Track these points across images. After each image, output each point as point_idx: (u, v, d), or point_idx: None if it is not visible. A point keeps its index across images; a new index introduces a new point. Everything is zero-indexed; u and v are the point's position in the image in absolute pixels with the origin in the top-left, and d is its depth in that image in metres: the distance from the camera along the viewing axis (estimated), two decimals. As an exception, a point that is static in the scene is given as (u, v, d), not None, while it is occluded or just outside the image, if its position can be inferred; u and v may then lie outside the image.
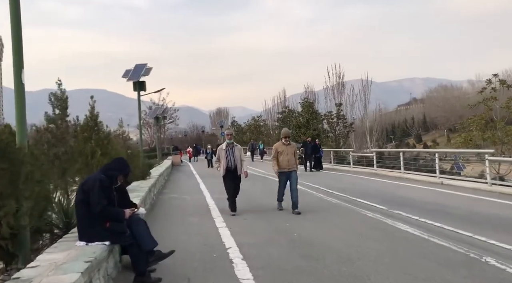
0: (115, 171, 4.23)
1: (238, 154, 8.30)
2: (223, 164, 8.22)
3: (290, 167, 8.42)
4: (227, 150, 8.28)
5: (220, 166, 8.36)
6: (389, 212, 7.99)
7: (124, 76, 17.86)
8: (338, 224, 7.03)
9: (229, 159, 8.20)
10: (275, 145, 8.73)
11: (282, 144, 8.53)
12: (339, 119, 30.78)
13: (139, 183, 9.84)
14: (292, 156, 8.49)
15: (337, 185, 13.02)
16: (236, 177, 8.37)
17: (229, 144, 8.32)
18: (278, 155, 8.45)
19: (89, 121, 8.29)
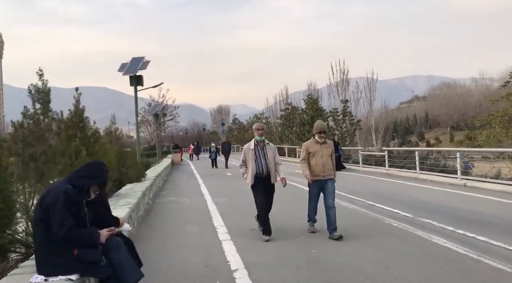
0: (87, 179, 3.21)
1: (271, 156, 6.13)
2: (252, 169, 6.06)
3: (326, 174, 6.18)
4: (256, 149, 6.15)
5: (246, 173, 6.21)
6: (417, 221, 6.97)
7: (120, 70, 16.81)
8: (361, 237, 6.01)
9: (260, 162, 6.09)
10: (304, 143, 6.53)
11: (315, 142, 6.29)
12: (345, 116, 29.64)
13: (133, 186, 8.84)
14: (329, 159, 6.24)
15: (350, 187, 12.00)
16: (269, 187, 6.21)
17: (259, 141, 6.19)
18: (310, 157, 6.28)
19: (73, 117, 7.28)
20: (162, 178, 15.48)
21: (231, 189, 13.09)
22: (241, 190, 12.71)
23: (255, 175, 6.07)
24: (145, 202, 8.81)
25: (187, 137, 77.55)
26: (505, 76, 63.20)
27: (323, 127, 6.42)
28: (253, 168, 6.06)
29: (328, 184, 6.23)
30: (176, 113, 52.35)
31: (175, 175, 20.57)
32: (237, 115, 64.33)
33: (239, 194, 11.63)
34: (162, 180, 15.08)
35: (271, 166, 6.12)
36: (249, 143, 6.36)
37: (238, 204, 9.67)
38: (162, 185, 14.44)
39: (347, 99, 31.80)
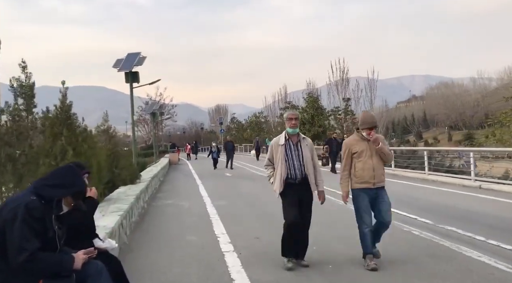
0: (58, 188, 2.51)
1: (308, 155, 4.59)
2: (281, 172, 4.55)
3: (377, 180, 4.56)
4: (287, 146, 4.59)
5: (274, 177, 4.68)
6: (439, 229, 6.31)
7: (115, 67, 16.08)
8: (380, 248, 5.33)
9: (292, 164, 4.54)
10: (345, 141, 4.88)
11: (360, 139, 4.64)
12: (347, 115, 28.97)
13: (126, 189, 8.14)
14: (380, 161, 4.60)
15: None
16: (305, 196, 4.62)
17: (292, 135, 4.63)
18: (354, 158, 4.62)
19: (58, 113, 6.57)
20: (159, 178, 14.78)
21: (231, 190, 12.41)
22: (242, 191, 12.06)
23: (285, 179, 4.51)
24: (140, 206, 8.12)
25: (185, 136, 76.82)
26: (503, 76, 62.28)
27: (373, 122, 4.59)
28: (282, 170, 4.50)
29: (382, 194, 4.60)
30: (174, 112, 51.58)
31: (173, 175, 19.87)
32: (235, 114, 63.59)
33: (239, 196, 10.97)
34: (158, 181, 14.39)
35: (309, 168, 4.53)
36: (277, 136, 4.75)
37: (239, 207, 9.02)
38: (159, 186, 13.75)
39: (349, 97, 31.12)
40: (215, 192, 11.74)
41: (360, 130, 4.66)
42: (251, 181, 15.06)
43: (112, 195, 7.38)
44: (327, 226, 6.64)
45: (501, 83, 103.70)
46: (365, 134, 4.58)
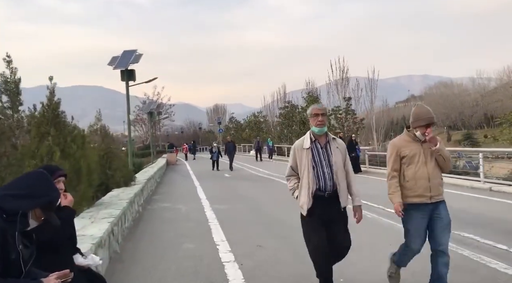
0: (23, 199, 2.05)
1: (339, 160, 3.57)
2: (308, 183, 3.51)
3: (434, 194, 3.54)
4: (314, 150, 3.55)
5: (299, 189, 3.60)
6: (454, 235, 5.84)
7: (111, 64, 15.60)
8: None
9: (321, 172, 3.51)
10: (392, 142, 3.78)
11: (411, 140, 3.61)
12: (348, 114, 28.53)
13: (119, 193, 7.67)
14: (436, 167, 3.58)
15: (369, 192, 10.84)
16: (339, 213, 3.60)
17: (319, 135, 3.60)
18: (404, 164, 3.59)
19: (45, 111, 6.10)
20: (156, 180, 14.32)
21: (230, 192, 11.96)
22: (242, 193, 11.60)
23: (313, 193, 3.47)
24: (134, 210, 7.66)
25: (183, 136, 76.35)
26: (503, 76, 62.04)
27: (431, 117, 3.50)
28: (310, 181, 3.46)
29: (440, 210, 3.57)
30: (172, 112, 51.04)
31: (170, 176, 19.39)
32: (234, 114, 63.08)
33: (239, 198, 10.51)
34: (155, 182, 13.92)
35: (340, 177, 3.51)
36: (301, 138, 3.65)
37: (239, 211, 8.56)
38: (155, 188, 13.28)
39: (350, 96, 30.68)
40: (214, 194, 11.29)
41: (411, 129, 3.59)
42: (251, 182, 14.61)
43: (103, 199, 6.92)
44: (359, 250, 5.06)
45: (501, 83, 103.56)
46: (418, 133, 3.50)
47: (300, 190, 3.57)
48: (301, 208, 3.60)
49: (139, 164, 16.78)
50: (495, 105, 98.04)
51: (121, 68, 15.51)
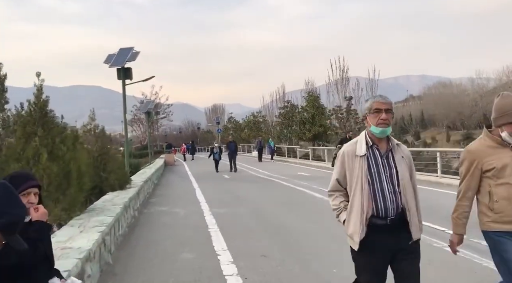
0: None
1: (406, 174, 2.50)
2: (363, 204, 2.43)
3: None
4: (371, 158, 2.49)
5: (347, 214, 2.52)
6: (474, 243, 5.41)
7: (107, 62, 15.14)
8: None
9: (381, 189, 2.44)
10: (470, 149, 2.71)
11: (496, 145, 2.60)
12: (349, 114, 28.10)
13: (113, 197, 7.22)
14: None
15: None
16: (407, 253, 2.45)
17: (380, 138, 2.51)
18: (488, 179, 2.61)
19: (32, 110, 5.64)
20: (153, 181, 13.86)
21: (230, 195, 11.51)
22: (243, 196, 11.12)
23: (368, 219, 2.43)
24: (129, 215, 7.20)
25: (181, 136, 75.86)
26: (502, 76, 61.85)
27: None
28: (364, 202, 2.43)
29: None
30: (170, 112, 50.54)
31: (168, 177, 18.93)
32: (232, 113, 62.61)
33: (241, 201, 10.06)
34: (152, 184, 13.46)
35: (409, 198, 2.47)
36: (352, 141, 2.65)
37: (240, 215, 8.11)
38: (153, 190, 12.82)
39: (351, 96, 30.25)
40: (214, 197, 10.84)
41: (494, 128, 2.63)
42: (252, 184, 14.14)
43: (96, 204, 6.46)
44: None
45: (500, 83, 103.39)
46: (505, 134, 2.53)
47: (349, 213, 2.48)
48: (350, 239, 2.50)
49: (136, 165, 16.33)
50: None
51: (117, 66, 15.05)
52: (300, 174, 17.71)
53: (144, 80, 16.39)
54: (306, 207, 8.99)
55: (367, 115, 2.54)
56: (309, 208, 8.83)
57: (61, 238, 4.22)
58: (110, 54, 15.64)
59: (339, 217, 2.60)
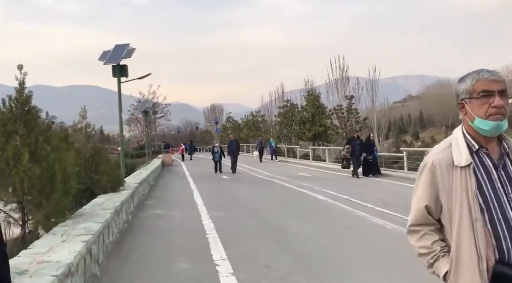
0: None
1: None
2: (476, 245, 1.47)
3: None
4: (479, 168, 1.54)
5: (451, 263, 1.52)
6: None
7: (101, 59, 14.66)
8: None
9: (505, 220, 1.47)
10: None
11: None
12: (350, 113, 27.62)
13: (104, 201, 6.73)
14: None
15: (392, 201, 9.96)
16: None
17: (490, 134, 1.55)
18: None
19: (13, 106, 5.16)
20: (149, 182, 13.38)
21: (229, 197, 11.04)
22: (243, 198, 10.64)
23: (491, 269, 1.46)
24: (121, 219, 6.73)
25: (179, 136, 75.35)
26: (504, 74, 62.22)
27: None
28: (481, 242, 1.47)
29: None
30: (167, 111, 49.99)
31: (165, 178, 18.44)
32: (231, 113, 62.11)
33: (240, 204, 9.59)
34: (148, 185, 12.98)
35: None
36: (442, 143, 1.67)
37: (240, 219, 7.65)
38: (149, 192, 12.34)
39: (352, 95, 29.78)
40: (212, 199, 10.37)
41: None
42: (252, 186, 13.67)
43: (85, 208, 5.98)
44: None
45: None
46: None
47: (456, 261, 1.53)
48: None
49: (131, 165, 15.85)
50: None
51: (112, 63, 14.58)
52: (301, 175, 17.26)
53: (140, 77, 15.91)
54: (309, 210, 8.52)
55: (466, 102, 1.58)
56: (313, 211, 8.37)
57: (40, 249, 3.75)
58: (105, 51, 15.15)
59: (434, 266, 1.60)
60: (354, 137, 15.89)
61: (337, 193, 10.72)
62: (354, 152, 15.18)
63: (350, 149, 15.30)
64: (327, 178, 15.52)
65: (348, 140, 16.39)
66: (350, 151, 15.26)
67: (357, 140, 15.57)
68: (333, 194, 10.65)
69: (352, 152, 15.21)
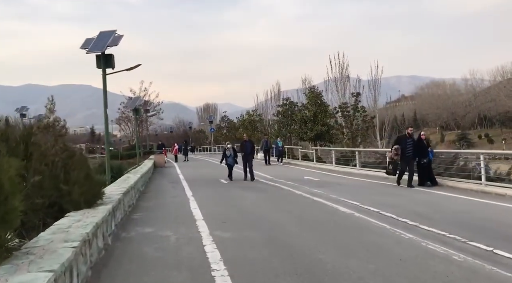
0: None
1: None
2: None
3: None
4: None
5: None
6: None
7: (84, 47, 12.84)
8: None
9: None
10: None
11: None
12: (357, 111, 25.86)
13: (72, 223, 4.89)
14: None
15: (438, 216, 8.30)
16: None
17: None
18: None
19: None
20: (138, 189, 11.57)
21: (233, 208, 9.26)
22: (250, 210, 8.68)
23: None
24: (96, 248, 4.94)
25: (172, 136, 73.38)
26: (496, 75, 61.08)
27: None
28: None
29: None
30: (160, 109, 47.88)
31: (157, 182, 16.61)
32: (226, 112, 60.22)
33: (248, 220, 7.77)
34: (137, 192, 11.18)
35: None
36: None
37: (253, 246, 5.79)
38: (137, 201, 10.54)
39: (359, 92, 28.12)
40: (213, 212, 8.61)
41: None
42: (258, 193, 11.83)
43: (39, 239, 4.17)
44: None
45: (494, 82, 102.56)
46: None
47: None
48: None
49: (118, 169, 14.03)
50: (488, 105, 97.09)
51: (96, 52, 12.77)
52: (307, 178, 15.57)
53: (128, 69, 14.08)
54: (338, 230, 6.80)
55: None
56: (343, 232, 6.65)
57: None
58: (88, 38, 13.31)
59: None
60: (406, 136, 12.45)
61: (360, 203, 9.03)
62: (404, 154, 11.98)
63: (399, 150, 12.05)
64: (339, 183, 13.84)
65: (398, 139, 13.04)
66: (400, 153, 12.03)
67: (408, 140, 12.18)
68: (356, 204, 8.96)
69: (403, 154, 12.00)
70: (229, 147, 16.02)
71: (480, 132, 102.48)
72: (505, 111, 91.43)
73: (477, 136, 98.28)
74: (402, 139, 12.46)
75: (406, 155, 11.94)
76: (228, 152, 15.53)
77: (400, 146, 12.11)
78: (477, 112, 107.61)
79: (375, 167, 17.32)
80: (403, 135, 12.75)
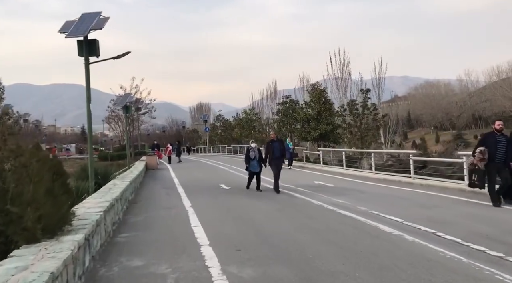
0: None
1: None
2: None
3: None
4: None
5: None
6: None
7: (63, 31, 10.90)
8: None
9: None
10: None
11: None
12: (367, 109, 24.11)
13: (11, 273, 3.08)
14: None
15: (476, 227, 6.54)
16: None
17: None
18: None
19: None
20: (126, 199, 9.70)
21: (245, 225, 7.38)
22: (267, 230, 6.53)
23: None
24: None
25: (165, 135, 71.36)
26: (492, 75, 60.30)
27: None
28: None
29: None
30: (152, 107, 45.85)
31: (149, 188, 14.70)
32: (221, 111, 58.37)
33: (268, 244, 5.89)
34: (125, 203, 9.32)
35: None
36: None
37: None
38: (124, 214, 8.67)
39: (369, 88, 26.41)
40: (221, 232, 6.76)
41: None
42: (270, 203, 9.82)
43: None
44: None
45: (490, 82, 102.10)
46: None
47: None
48: None
49: (104, 174, 12.12)
50: (483, 105, 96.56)
51: (77, 37, 10.84)
52: (319, 184, 13.81)
53: (115, 57, 12.17)
54: (396, 262, 5.00)
55: None
56: (404, 264, 4.85)
57: None
58: (68, 21, 11.38)
59: None
60: (494, 133, 8.89)
61: (402, 219, 7.27)
62: (493, 159, 8.55)
63: (486, 153, 8.59)
64: (360, 190, 11.93)
65: (483, 137, 9.35)
66: (487, 157, 8.58)
67: (499, 138, 8.69)
68: (394, 220, 7.22)
69: (490, 158, 8.56)
70: (254, 146, 12.37)
71: (475, 132, 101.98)
72: (501, 111, 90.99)
73: (472, 136, 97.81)
74: (488, 138, 8.95)
75: (495, 159, 8.54)
76: (253, 153, 12.09)
77: (486, 147, 8.68)
78: (472, 113, 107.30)
79: (395, 170, 15.54)
80: (491, 133, 9.04)
